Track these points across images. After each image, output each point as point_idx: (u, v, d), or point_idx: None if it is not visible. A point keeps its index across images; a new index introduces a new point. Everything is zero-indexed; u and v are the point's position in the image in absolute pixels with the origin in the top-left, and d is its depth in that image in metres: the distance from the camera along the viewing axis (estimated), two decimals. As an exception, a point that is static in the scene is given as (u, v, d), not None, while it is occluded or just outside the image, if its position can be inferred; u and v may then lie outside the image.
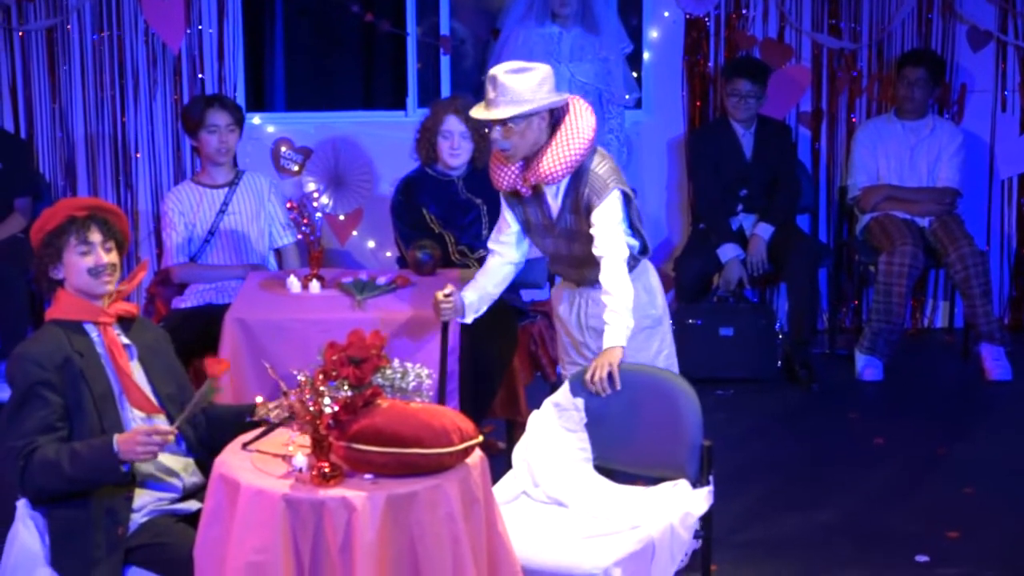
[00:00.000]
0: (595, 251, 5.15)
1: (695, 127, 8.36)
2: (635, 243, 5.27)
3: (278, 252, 6.99)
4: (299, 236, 6.51)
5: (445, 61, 8.36)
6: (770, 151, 7.92)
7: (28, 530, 4.41)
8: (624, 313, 5.06)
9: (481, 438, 4.27)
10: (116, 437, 4.34)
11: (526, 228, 5.43)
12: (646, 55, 8.40)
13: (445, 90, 8.30)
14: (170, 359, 4.74)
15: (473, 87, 8.17)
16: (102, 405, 4.46)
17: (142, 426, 4.42)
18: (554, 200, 5.27)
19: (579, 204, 5.19)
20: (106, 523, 4.38)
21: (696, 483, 4.79)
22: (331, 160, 8.30)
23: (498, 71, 5.13)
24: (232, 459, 4.24)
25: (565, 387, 5.03)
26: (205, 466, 4.50)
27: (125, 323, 4.66)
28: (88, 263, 4.56)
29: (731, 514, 5.83)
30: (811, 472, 6.62)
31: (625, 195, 5.21)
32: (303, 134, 8.32)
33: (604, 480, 4.98)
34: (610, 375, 4.92)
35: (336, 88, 9.02)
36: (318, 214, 6.21)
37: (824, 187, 8.53)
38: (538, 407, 5.11)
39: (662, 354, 5.45)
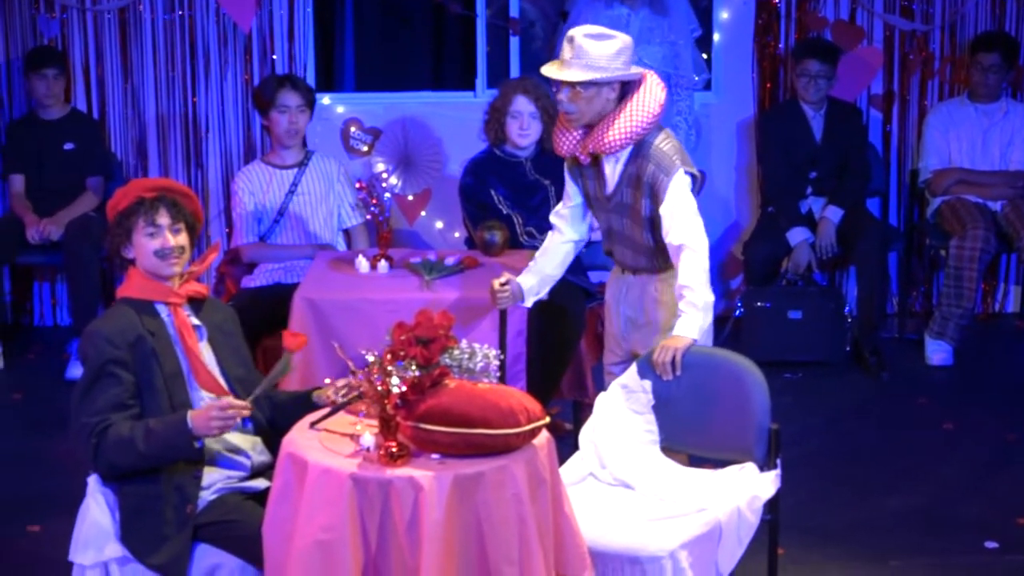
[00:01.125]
0: (671, 239, 5.03)
1: (765, 109, 8.32)
2: None
3: (346, 232, 7.02)
4: (368, 216, 6.53)
5: (514, 43, 8.35)
6: (840, 133, 7.87)
7: (99, 506, 4.45)
8: (702, 309, 4.95)
9: (548, 419, 4.28)
10: (189, 413, 4.37)
11: (588, 201, 5.36)
12: (716, 36, 8.37)
13: (514, 72, 8.29)
14: (238, 340, 4.76)
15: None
16: (171, 385, 4.49)
17: (215, 401, 4.44)
18: (611, 172, 5.19)
19: (640, 180, 5.10)
20: (176, 500, 4.41)
21: (763, 466, 4.77)
22: (400, 140, 8.31)
23: (577, 32, 5.05)
24: (300, 438, 4.26)
25: (633, 369, 5.02)
26: (273, 445, 4.53)
27: (195, 303, 4.68)
28: (155, 245, 4.58)
29: (798, 498, 5.80)
30: (879, 457, 6.59)
31: (693, 177, 5.13)
32: (372, 114, 8.34)
33: (671, 462, 4.97)
34: (673, 361, 4.90)
35: (405, 69, 9.04)
36: (387, 194, 6.23)
37: (895, 170, 8.47)
38: (605, 389, 5.10)
39: None
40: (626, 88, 5.11)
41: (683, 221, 5.03)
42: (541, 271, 5.47)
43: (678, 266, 5.03)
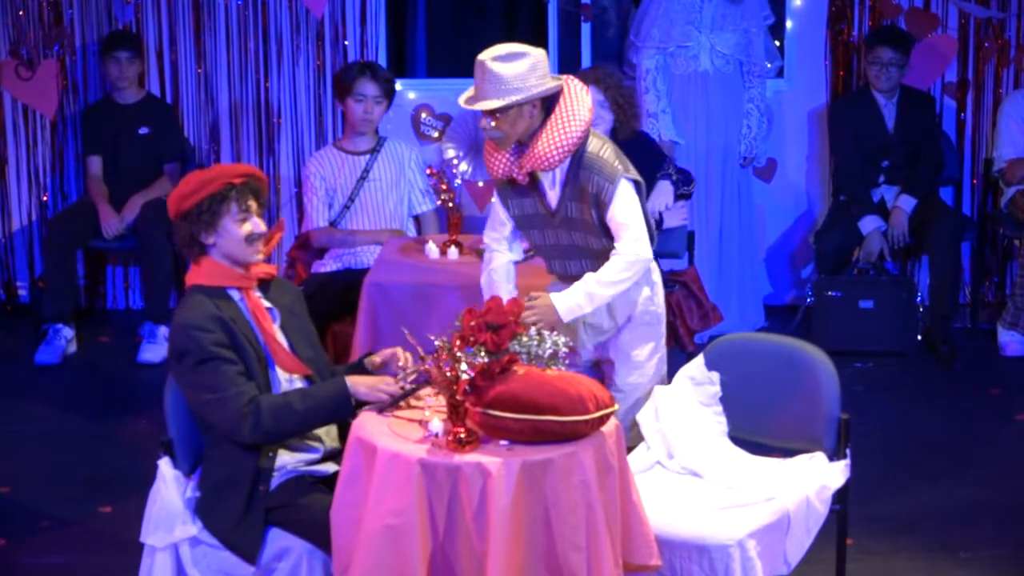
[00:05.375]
0: (617, 245, 4.91)
1: (837, 97, 8.26)
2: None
3: (416, 219, 7.04)
4: (438, 203, 6.54)
5: (586, 29, 8.34)
6: (912, 122, 7.82)
7: (169, 488, 4.49)
8: (596, 297, 4.88)
9: (617, 407, 4.28)
10: (347, 378, 4.44)
11: (518, 222, 5.16)
12: (789, 24, 8.32)
13: (586, 59, 8.28)
14: (306, 320, 4.76)
15: (615, 56, 8.15)
16: (257, 367, 4.51)
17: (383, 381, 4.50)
18: (552, 188, 5.00)
19: (585, 191, 4.91)
20: (250, 482, 4.43)
21: (833, 456, 4.76)
22: (471, 127, 8.32)
23: (486, 57, 4.88)
24: (369, 423, 4.28)
25: (700, 360, 5.00)
26: (343, 431, 4.55)
27: (263, 284, 4.68)
28: (246, 231, 4.55)
29: (868, 488, 5.77)
30: (951, 448, 6.55)
31: (636, 184, 4.96)
32: (443, 101, 8.35)
33: (740, 451, 4.96)
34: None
35: (477, 55, 9.03)
36: (457, 181, 6.23)
37: (969, 159, 8.40)
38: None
39: (656, 356, 5.19)
40: (550, 100, 4.91)
41: (630, 233, 4.91)
42: (509, 292, 5.21)
43: (609, 262, 4.92)
